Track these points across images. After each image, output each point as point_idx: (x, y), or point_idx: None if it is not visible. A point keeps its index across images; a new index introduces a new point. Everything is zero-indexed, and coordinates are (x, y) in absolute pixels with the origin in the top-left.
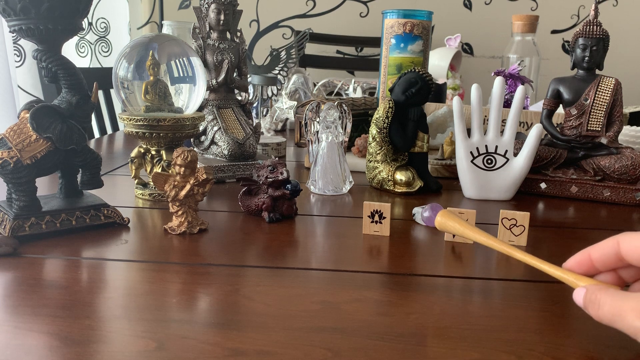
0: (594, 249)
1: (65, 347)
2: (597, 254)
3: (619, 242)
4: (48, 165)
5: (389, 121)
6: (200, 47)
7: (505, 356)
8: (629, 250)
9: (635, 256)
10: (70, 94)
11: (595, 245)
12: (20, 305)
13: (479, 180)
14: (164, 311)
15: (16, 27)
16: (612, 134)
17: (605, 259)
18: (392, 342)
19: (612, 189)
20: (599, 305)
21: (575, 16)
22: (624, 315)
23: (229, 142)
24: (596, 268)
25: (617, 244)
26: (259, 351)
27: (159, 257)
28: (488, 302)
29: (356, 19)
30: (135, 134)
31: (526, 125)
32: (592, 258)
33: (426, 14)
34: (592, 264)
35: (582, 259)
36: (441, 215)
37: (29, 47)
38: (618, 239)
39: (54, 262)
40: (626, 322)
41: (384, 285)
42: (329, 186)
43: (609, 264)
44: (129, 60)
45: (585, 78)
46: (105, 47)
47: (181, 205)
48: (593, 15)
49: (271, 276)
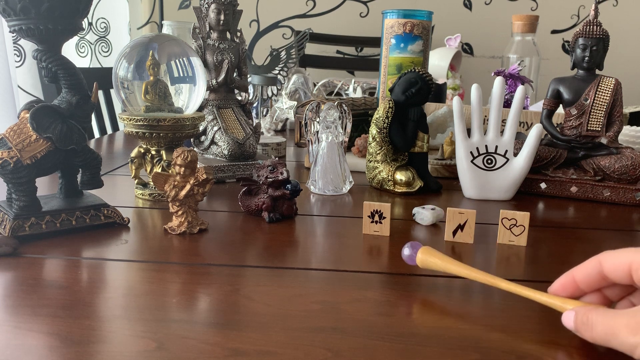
0: (577, 271)
1: (65, 347)
2: (580, 275)
3: (601, 262)
4: (48, 165)
5: (389, 121)
6: (200, 47)
7: (505, 356)
8: (611, 269)
9: (618, 274)
10: (70, 94)
11: (578, 266)
12: (20, 305)
13: (479, 180)
14: (164, 311)
15: (16, 27)
16: (612, 134)
17: (589, 279)
18: (392, 342)
19: (612, 189)
20: (592, 326)
21: (575, 16)
22: (617, 334)
23: (229, 142)
24: (581, 290)
25: (599, 264)
26: (259, 351)
27: (159, 257)
28: (488, 302)
29: (356, 19)
30: (135, 134)
31: (526, 125)
32: (576, 280)
33: (426, 14)
34: (576, 285)
35: (566, 281)
36: (422, 253)
37: (29, 47)
38: (599, 258)
39: (54, 262)
40: (620, 340)
41: (384, 285)
42: (329, 186)
43: (593, 285)
44: (129, 60)
45: (585, 78)
46: (105, 47)
47: (181, 205)
48: (593, 15)
49: (271, 276)
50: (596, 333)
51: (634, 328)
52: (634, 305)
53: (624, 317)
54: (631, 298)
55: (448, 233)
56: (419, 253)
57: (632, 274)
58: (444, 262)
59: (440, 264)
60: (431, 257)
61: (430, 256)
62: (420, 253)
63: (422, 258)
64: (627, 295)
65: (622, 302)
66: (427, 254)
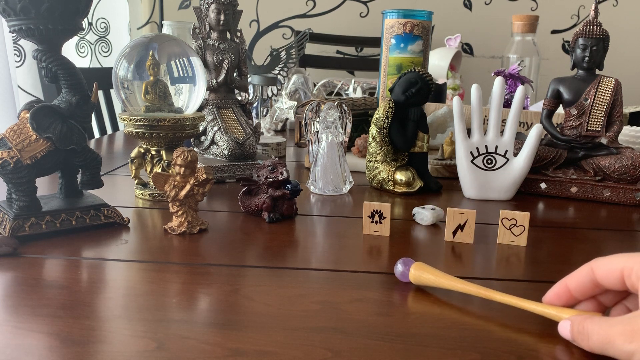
0: (570, 279)
1: (65, 347)
2: (573, 283)
3: (593, 269)
4: (48, 165)
5: (389, 121)
6: (200, 47)
7: (505, 356)
8: (603, 275)
9: (610, 280)
10: (70, 94)
11: (571, 275)
12: (20, 305)
13: (479, 180)
14: (164, 311)
15: (16, 27)
16: (612, 134)
17: (582, 287)
18: (392, 342)
19: (612, 189)
20: (588, 335)
21: (575, 16)
22: (613, 342)
23: (229, 142)
24: (575, 298)
25: (592, 271)
26: (259, 351)
27: (159, 257)
28: (488, 302)
29: (356, 19)
30: (135, 134)
31: (526, 125)
32: (569, 288)
33: (426, 14)
34: (570, 294)
35: (560, 290)
36: (415, 269)
37: (29, 47)
38: (591, 265)
39: (54, 262)
40: (616, 348)
41: (384, 285)
42: (329, 186)
43: (586, 292)
44: (129, 60)
45: (585, 78)
46: (105, 47)
47: (181, 205)
48: (593, 15)
49: (271, 276)
50: (592, 342)
51: (629, 335)
52: (629, 310)
53: (618, 324)
54: (626, 303)
55: (448, 233)
56: (411, 269)
57: (624, 280)
58: (437, 277)
59: (433, 278)
60: (424, 273)
61: (423, 272)
62: (413, 269)
63: (415, 274)
64: (621, 300)
65: (617, 307)
66: (419, 269)
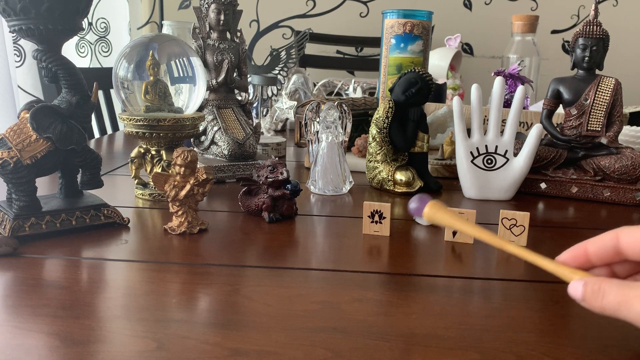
0: (591, 242)
1: (65, 347)
2: (594, 247)
3: (619, 236)
4: (48, 165)
5: (389, 121)
6: (200, 47)
7: (505, 356)
8: (628, 244)
9: (634, 250)
10: (70, 94)
11: (593, 238)
12: (20, 305)
13: (479, 180)
14: (164, 311)
15: (16, 27)
16: (612, 134)
17: (602, 252)
18: (392, 342)
19: (612, 189)
20: (604, 294)
21: (575, 16)
22: (631, 303)
23: (229, 142)
24: (591, 262)
25: (617, 238)
26: (259, 351)
27: (159, 257)
28: (488, 302)
29: (356, 19)
30: (135, 134)
31: (526, 125)
32: (588, 252)
33: (426, 14)
34: (587, 257)
35: (578, 252)
36: (430, 207)
37: (29, 47)
38: (618, 232)
39: (54, 262)
40: (633, 310)
41: (384, 285)
42: (329, 186)
43: (605, 258)
44: (129, 60)
45: (585, 78)
46: (105, 47)
47: (181, 205)
48: (593, 15)
49: (271, 276)
50: (607, 301)
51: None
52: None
53: (638, 288)
54: (638, 277)
55: (448, 233)
56: (426, 207)
57: None
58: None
59: (448, 219)
60: (439, 212)
61: (438, 211)
62: (428, 207)
63: (429, 212)
64: (634, 274)
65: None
66: (435, 208)
